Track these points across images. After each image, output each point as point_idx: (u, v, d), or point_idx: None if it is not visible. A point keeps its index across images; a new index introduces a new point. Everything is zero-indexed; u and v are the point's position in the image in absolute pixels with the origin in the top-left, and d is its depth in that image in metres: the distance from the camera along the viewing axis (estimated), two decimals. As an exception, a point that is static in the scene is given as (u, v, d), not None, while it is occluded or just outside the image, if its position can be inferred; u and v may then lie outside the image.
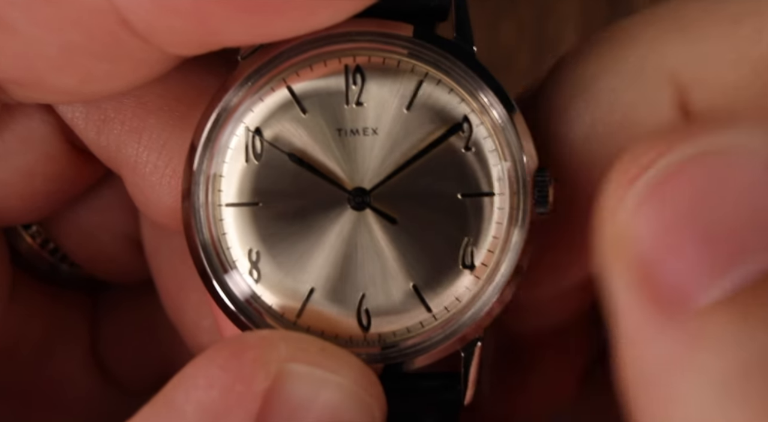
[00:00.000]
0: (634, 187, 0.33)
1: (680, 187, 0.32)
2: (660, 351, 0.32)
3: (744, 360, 0.30)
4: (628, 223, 0.32)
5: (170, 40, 0.37)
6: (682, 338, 0.31)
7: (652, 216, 0.32)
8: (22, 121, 0.45)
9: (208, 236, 0.41)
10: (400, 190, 0.41)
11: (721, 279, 0.31)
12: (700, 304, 0.31)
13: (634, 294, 0.32)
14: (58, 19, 0.36)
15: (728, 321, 0.31)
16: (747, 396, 0.30)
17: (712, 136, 0.33)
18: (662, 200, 0.32)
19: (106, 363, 0.54)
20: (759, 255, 0.31)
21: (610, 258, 0.33)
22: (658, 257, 0.32)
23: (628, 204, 0.32)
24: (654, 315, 0.32)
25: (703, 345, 0.31)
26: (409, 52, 0.41)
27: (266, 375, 0.35)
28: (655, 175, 0.32)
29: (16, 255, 0.51)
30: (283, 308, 0.41)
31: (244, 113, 0.41)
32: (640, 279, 0.32)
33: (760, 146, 0.32)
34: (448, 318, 0.41)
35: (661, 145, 0.33)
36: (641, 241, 0.32)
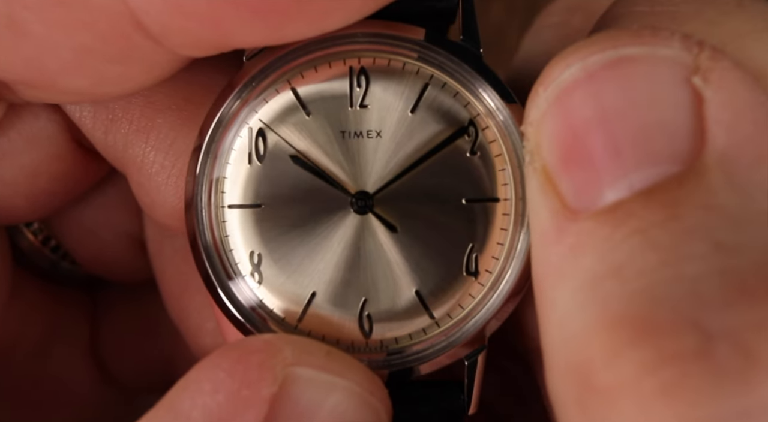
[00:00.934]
0: (542, 96, 0.33)
1: (584, 95, 0.33)
2: (552, 255, 0.33)
3: (607, 265, 0.31)
4: (538, 132, 0.33)
5: (183, 42, 0.37)
6: (568, 241, 0.32)
7: (555, 123, 0.33)
8: (29, 120, 0.45)
9: (211, 238, 0.41)
10: (404, 193, 0.41)
11: (614, 185, 0.32)
12: (591, 209, 0.32)
13: (542, 200, 0.33)
14: (71, 22, 0.36)
15: (606, 227, 0.32)
16: (601, 301, 0.31)
17: (627, 44, 0.33)
18: (566, 108, 0.33)
19: (105, 362, 0.55)
20: (652, 166, 0.32)
21: (528, 166, 0.34)
22: (559, 165, 0.33)
23: (538, 113, 0.34)
24: (554, 220, 0.33)
25: (581, 248, 0.32)
26: (418, 55, 0.40)
27: (273, 379, 0.35)
28: (559, 84, 0.33)
29: (17, 252, 0.51)
30: (284, 312, 0.41)
31: (248, 115, 0.41)
32: (546, 184, 0.33)
33: (675, 55, 0.33)
34: (451, 325, 0.41)
35: (577, 53, 0.33)
36: (547, 149, 0.33)
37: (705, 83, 0.32)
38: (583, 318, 0.31)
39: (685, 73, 0.32)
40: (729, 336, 0.29)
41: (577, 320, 0.31)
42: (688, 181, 0.31)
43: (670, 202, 0.31)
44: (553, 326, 0.33)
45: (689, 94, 0.32)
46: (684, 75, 0.32)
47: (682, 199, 0.31)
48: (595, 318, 0.31)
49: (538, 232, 0.34)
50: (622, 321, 0.30)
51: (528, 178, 0.34)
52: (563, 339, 0.32)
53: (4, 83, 0.40)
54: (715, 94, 0.32)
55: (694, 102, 0.32)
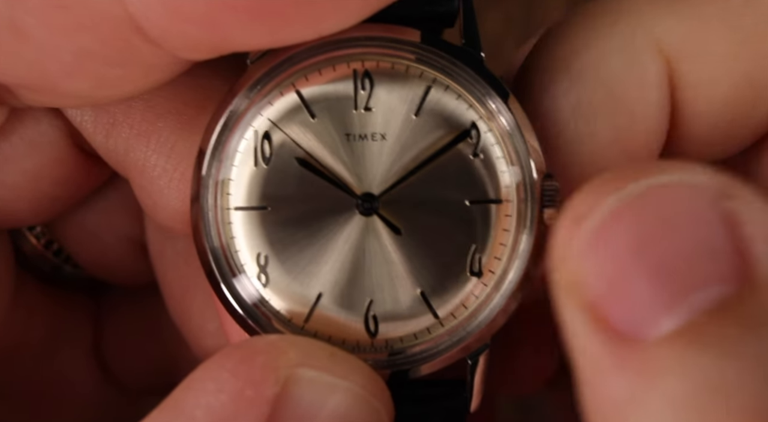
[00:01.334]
0: (580, 230, 0.33)
1: (625, 226, 0.33)
2: (617, 385, 0.32)
3: (693, 387, 0.31)
4: (577, 268, 0.33)
5: (183, 45, 0.37)
6: (637, 371, 0.32)
7: (599, 258, 0.33)
8: (31, 124, 0.45)
9: (217, 240, 0.41)
10: (408, 195, 0.41)
11: (669, 313, 0.32)
12: (652, 338, 0.32)
13: (591, 334, 0.33)
14: (71, 25, 0.37)
15: (677, 353, 0.31)
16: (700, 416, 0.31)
17: (656, 174, 0.33)
18: (607, 241, 0.33)
19: (108, 364, 0.55)
20: (705, 288, 0.32)
21: (566, 302, 0.33)
22: (607, 298, 0.33)
23: (575, 248, 0.33)
24: (610, 352, 0.33)
25: (656, 377, 0.32)
26: (416, 57, 0.41)
27: (276, 380, 0.35)
28: (601, 215, 0.33)
29: (19, 255, 0.51)
30: (290, 313, 0.41)
31: (253, 117, 0.41)
32: (595, 321, 0.33)
33: (704, 181, 0.33)
34: (455, 324, 0.41)
35: (608, 185, 0.33)
36: (591, 284, 0.33)
37: (736, 204, 0.33)
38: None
39: (716, 197, 0.33)
40: None
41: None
42: (748, 298, 0.32)
43: (739, 318, 0.31)
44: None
45: (724, 216, 0.33)
46: (715, 198, 0.33)
47: (751, 313, 0.31)
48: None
49: (590, 369, 0.33)
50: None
51: (568, 317, 0.34)
52: None
53: (5, 87, 0.40)
54: (747, 214, 0.33)
55: (731, 222, 0.32)
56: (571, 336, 0.34)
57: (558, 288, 0.34)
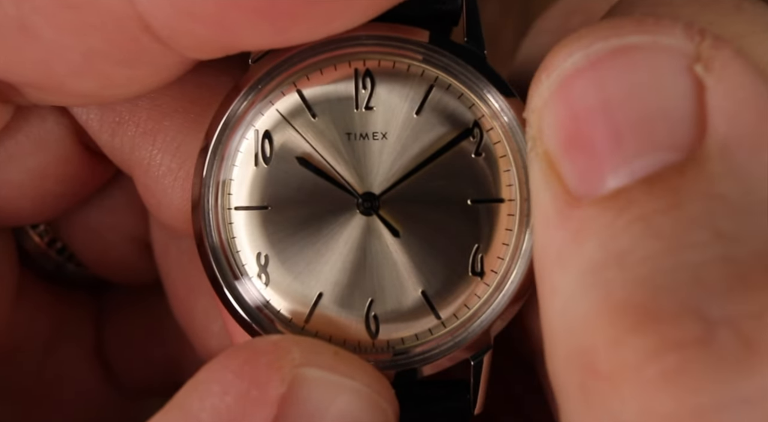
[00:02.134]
0: (545, 83, 0.34)
1: (586, 83, 0.33)
2: (553, 241, 0.33)
3: (605, 255, 0.32)
4: (540, 120, 0.34)
5: (191, 44, 0.37)
6: (570, 227, 0.33)
7: (559, 111, 0.33)
8: (36, 122, 0.45)
9: (218, 240, 0.41)
10: (410, 194, 0.41)
11: (613, 176, 0.32)
12: (593, 196, 0.32)
13: (544, 186, 0.34)
14: (80, 25, 0.37)
15: (605, 218, 0.32)
16: (603, 287, 0.31)
17: (629, 33, 0.33)
18: (568, 96, 0.33)
19: (110, 363, 0.55)
20: (652, 153, 0.32)
21: (530, 153, 0.34)
22: (563, 153, 0.33)
23: (540, 99, 0.34)
24: (556, 206, 0.33)
25: (582, 239, 0.32)
26: (423, 57, 0.41)
27: (281, 380, 0.35)
28: (562, 71, 0.33)
29: (23, 253, 0.52)
30: (291, 313, 0.41)
31: (254, 117, 0.41)
32: (550, 173, 0.34)
33: (678, 44, 0.33)
34: (457, 325, 0.41)
35: (580, 41, 0.34)
36: (550, 137, 0.34)
37: (707, 72, 0.33)
38: (586, 305, 0.32)
39: (687, 62, 0.33)
40: (730, 323, 0.30)
41: (579, 307, 0.32)
42: (689, 170, 0.32)
43: (671, 190, 0.32)
44: (555, 312, 0.33)
45: (691, 83, 0.33)
46: (686, 63, 0.33)
47: (684, 187, 0.32)
48: (597, 304, 0.31)
49: (540, 217, 0.34)
50: (625, 308, 0.31)
51: (530, 164, 0.35)
52: (565, 325, 0.32)
53: (12, 85, 0.41)
54: (717, 82, 0.32)
55: (696, 90, 0.33)
56: (532, 186, 0.35)
57: (527, 140, 0.35)
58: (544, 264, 0.34)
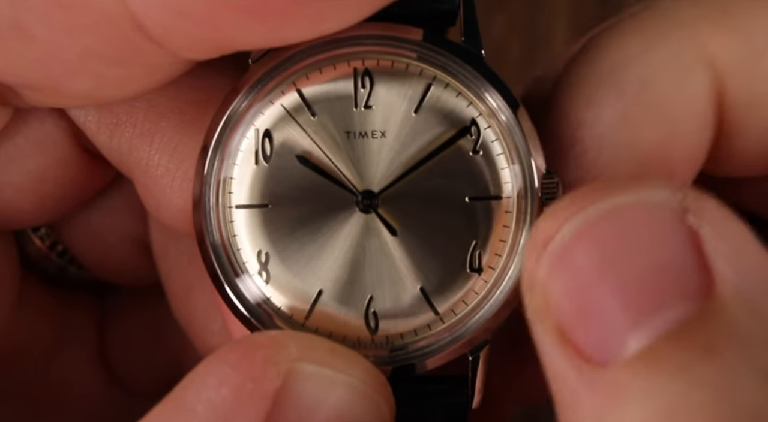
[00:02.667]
0: (544, 257, 0.34)
1: (586, 248, 0.33)
2: (587, 408, 0.33)
3: (654, 412, 0.31)
4: (544, 292, 0.34)
5: (184, 44, 0.38)
6: (604, 394, 0.32)
7: (563, 281, 0.34)
8: (35, 125, 0.45)
9: (219, 238, 0.42)
10: (409, 192, 0.42)
11: (633, 335, 0.32)
12: (617, 362, 0.32)
13: (561, 357, 0.34)
14: (74, 25, 0.37)
15: (640, 377, 0.32)
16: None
17: (616, 194, 0.34)
18: (569, 264, 0.33)
19: (113, 365, 0.55)
20: (668, 307, 0.32)
21: (537, 326, 0.34)
22: (574, 322, 0.33)
23: (541, 273, 0.34)
24: (580, 375, 0.33)
25: (621, 398, 0.32)
26: (418, 55, 0.42)
27: (277, 374, 0.36)
28: (562, 239, 0.34)
29: (24, 257, 0.52)
30: (291, 310, 0.42)
31: (254, 116, 0.42)
32: (564, 344, 0.33)
33: (665, 199, 0.34)
34: (456, 321, 0.42)
35: (570, 208, 0.34)
36: (557, 308, 0.34)
37: (699, 221, 0.33)
38: None
39: (678, 215, 0.33)
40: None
41: None
42: (710, 317, 0.32)
43: (700, 340, 0.32)
44: None
45: (687, 233, 0.33)
46: (678, 215, 0.33)
47: (712, 334, 0.32)
48: None
49: (563, 390, 0.34)
50: None
51: (538, 338, 0.34)
52: None
53: (9, 87, 0.41)
54: (711, 229, 0.33)
55: (693, 240, 0.33)
56: (545, 358, 0.34)
57: (529, 313, 0.35)
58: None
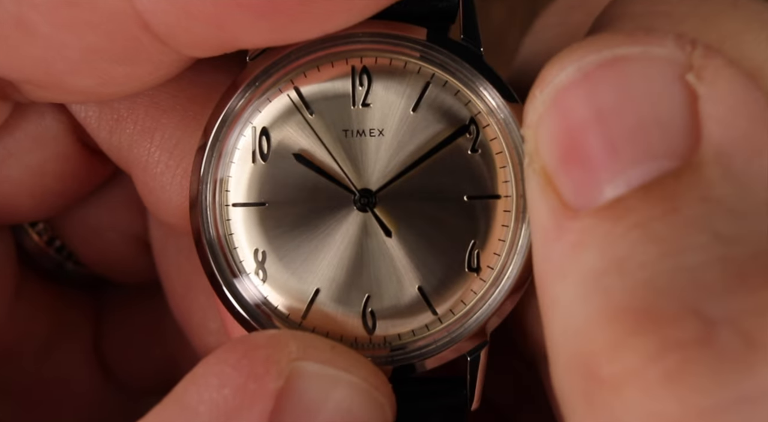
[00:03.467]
0: (539, 98, 0.34)
1: (580, 94, 0.34)
2: (553, 254, 0.34)
3: (604, 263, 0.32)
4: (536, 135, 0.34)
5: (188, 42, 0.38)
6: (569, 237, 0.33)
7: (554, 125, 0.34)
8: (35, 119, 0.46)
9: (216, 236, 0.42)
10: (407, 191, 0.41)
11: (609, 185, 0.33)
12: (587, 209, 0.33)
13: (542, 200, 0.34)
14: (79, 22, 0.37)
15: (603, 227, 0.32)
16: (603, 294, 0.32)
17: (621, 44, 0.34)
18: (562, 109, 0.34)
19: (109, 362, 0.56)
20: (648, 161, 0.33)
21: (527, 168, 0.35)
22: (559, 166, 0.34)
23: (535, 114, 0.35)
24: (554, 220, 0.34)
25: (581, 249, 0.33)
26: (420, 54, 0.41)
27: (278, 373, 0.36)
28: (555, 85, 0.34)
29: (22, 252, 0.52)
30: (288, 309, 0.42)
31: (251, 114, 0.42)
32: (547, 187, 0.34)
33: (670, 54, 0.34)
34: (454, 321, 0.42)
35: (572, 54, 0.34)
36: (546, 151, 0.34)
37: (699, 80, 0.33)
38: (586, 312, 0.32)
39: (679, 71, 0.33)
40: (730, 322, 0.30)
41: (580, 314, 0.32)
42: (685, 175, 0.32)
43: (668, 196, 0.32)
44: (556, 322, 0.34)
45: (683, 92, 0.33)
46: (678, 73, 0.33)
47: (680, 192, 0.32)
48: (597, 310, 0.32)
49: (538, 231, 0.35)
50: (625, 312, 0.31)
51: (527, 179, 0.35)
52: (566, 333, 0.33)
53: (10, 83, 0.41)
54: (709, 90, 0.33)
55: (689, 99, 0.33)
56: (529, 201, 0.35)
57: (524, 156, 0.35)
58: (544, 276, 0.34)
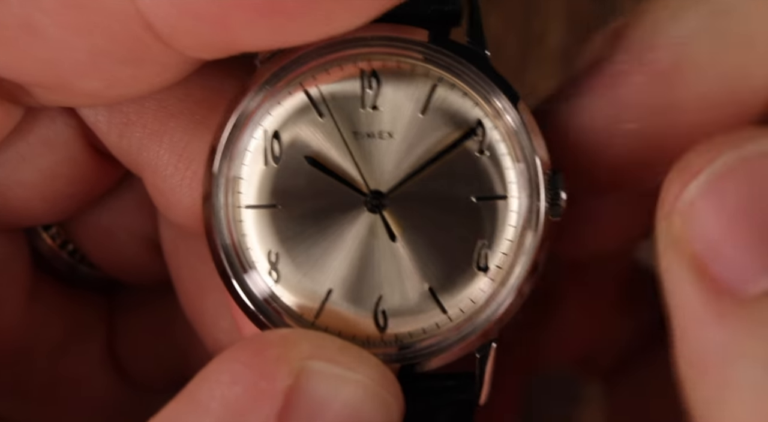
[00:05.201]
0: (692, 185, 0.35)
1: (735, 184, 0.34)
2: (716, 337, 0.34)
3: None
4: (685, 222, 0.35)
5: (192, 44, 0.38)
6: (736, 325, 0.34)
7: (710, 211, 0.35)
8: (46, 123, 0.46)
9: (229, 238, 0.42)
10: (416, 192, 0.42)
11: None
12: (751, 293, 0.34)
13: (692, 287, 0.35)
14: (85, 24, 0.38)
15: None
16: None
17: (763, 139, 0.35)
18: (719, 196, 0.34)
19: (122, 363, 0.56)
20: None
21: (669, 255, 0.35)
22: (712, 253, 0.34)
23: (686, 200, 0.35)
24: (710, 304, 0.34)
25: (753, 328, 0.33)
26: (424, 56, 0.42)
27: (289, 372, 0.36)
28: (712, 172, 0.35)
29: (36, 256, 0.53)
30: (301, 308, 0.42)
31: (262, 116, 0.43)
32: (697, 274, 0.35)
33: None
34: (464, 319, 0.42)
35: (726, 143, 0.35)
36: (697, 239, 0.35)
37: None
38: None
39: None
40: None
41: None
42: None
43: None
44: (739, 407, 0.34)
45: None
46: None
47: None
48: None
49: (687, 321, 0.35)
50: None
51: (669, 265, 0.35)
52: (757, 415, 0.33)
53: (20, 86, 0.42)
54: None
55: None
56: (671, 288, 0.35)
57: (662, 242, 0.36)
58: (707, 363, 0.34)
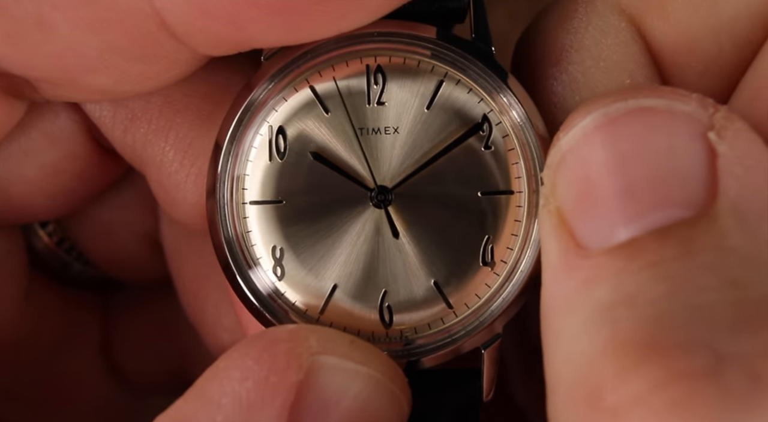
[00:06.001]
0: (564, 137, 0.36)
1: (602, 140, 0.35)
2: (561, 289, 0.35)
3: (614, 299, 0.33)
4: (554, 178, 0.36)
5: (205, 41, 0.38)
6: (579, 278, 0.35)
7: (573, 167, 0.36)
8: (50, 118, 0.46)
9: (233, 234, 0.42)
10: (422, 188, 0.42)
11: (627, 227, 0.34)
12: (598, 248, 0.34)
13: (554, 239, 0.36)
14: (97, 21, 0.38)
15: (615, 265, 0.34)
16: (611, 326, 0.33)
17: (647, 96, 0.36)
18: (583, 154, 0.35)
19: (118, 364, 0.56)
20: (665, 209, 0.34)
21: (543, 208, 0.37)
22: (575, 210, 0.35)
23: (555, 155, 0.36)
24: (565, 258, 0.35)
25: (591, 285, 0.34)
26: (431, 52, 0.42)
27: (299, 367, 0.36)
28: (582, 128, 0.36)
29: (32, 255, 0.53)
30: (306, 305, 0.42)
31: (267, 113, 0.43)
32: (560, 228, 0.36)
33: (693, 111, 0.35)
34: (469, 314, 0.43)
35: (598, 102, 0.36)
36: (563, 194, 0.36)
37: (719, 139, 0.35)
38: (593, 343, 0.33)
39: (701, 129, 0.35)
40: (739, 359, 0.31)
41: (586, 345, 0.33)
42: (701, 224, 0.34)
43: (683, 241, 0.33)
44: (559, 353, 0.35)
45: (704, 148, 0.35)
46: (700, 130, 0.35)
47: (695, 238, 0.33)
48: (605, 341, 0.33)
49: (548, 270, 0.36)
50: (633, 343, 0.32)
51: (541, 220, 0.37)
52: (570, 364, 0.34)
53: (27, 81, 0.42)
54: (729, 150, 0.35)
55: (708, 155, 0.35)
56: (542, 238, 0.37)
57: (540, 197, 0.37)
58: (551, 312, 0.35)
